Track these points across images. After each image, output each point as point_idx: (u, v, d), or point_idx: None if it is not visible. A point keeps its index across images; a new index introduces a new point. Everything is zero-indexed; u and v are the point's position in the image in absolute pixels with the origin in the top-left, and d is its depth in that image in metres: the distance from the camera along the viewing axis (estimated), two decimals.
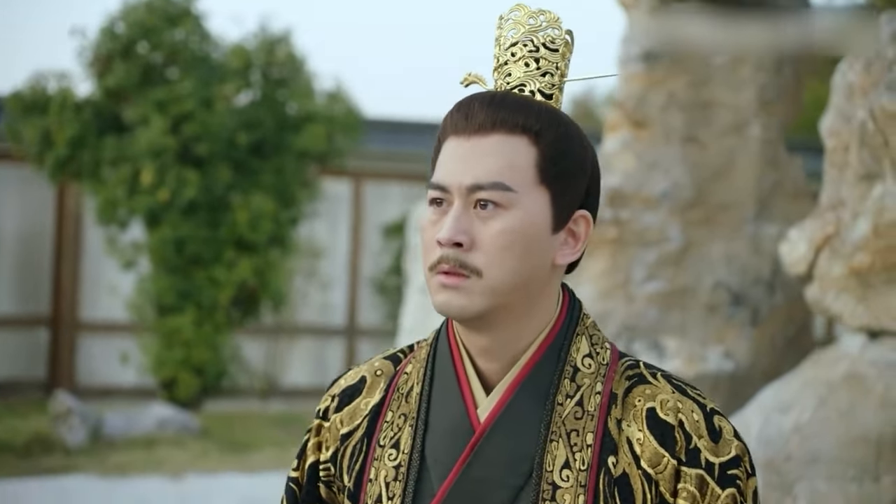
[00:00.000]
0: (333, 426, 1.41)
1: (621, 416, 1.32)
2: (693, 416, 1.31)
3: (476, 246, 1.29)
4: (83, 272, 10.67)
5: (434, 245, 1.30)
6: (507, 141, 1.30)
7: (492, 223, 1.29)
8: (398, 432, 1.36)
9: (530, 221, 1.30)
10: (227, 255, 8.73)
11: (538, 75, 1.35)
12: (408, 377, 1.40)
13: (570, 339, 1.35)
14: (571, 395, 1.32)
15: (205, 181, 8.58)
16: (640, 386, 1.33)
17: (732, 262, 3.95)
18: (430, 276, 1.32)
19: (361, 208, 11.43)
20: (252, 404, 10.05)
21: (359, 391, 1.42)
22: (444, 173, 1.32)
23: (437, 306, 1.31)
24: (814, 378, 3.08)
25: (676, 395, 1.32)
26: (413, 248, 4.93)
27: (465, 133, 1.32)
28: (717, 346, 3.88)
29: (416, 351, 1.43)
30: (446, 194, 1.31)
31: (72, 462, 7.21)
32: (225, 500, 6.34)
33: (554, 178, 1.31)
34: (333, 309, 11.31)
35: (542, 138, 1.31)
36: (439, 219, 1.31)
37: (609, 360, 1.36)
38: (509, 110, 1.31)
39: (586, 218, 1.35)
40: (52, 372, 10.57)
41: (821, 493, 2.93)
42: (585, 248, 1.37)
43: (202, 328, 8.74)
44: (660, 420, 1.31)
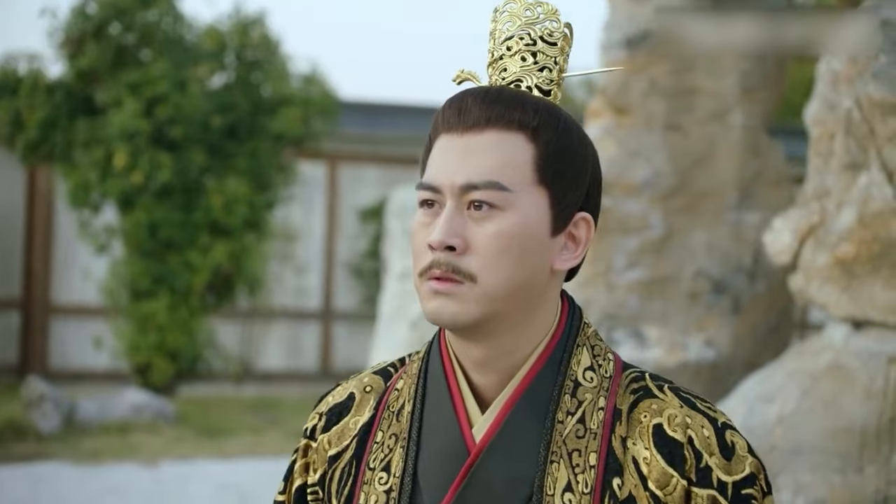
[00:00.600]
0: (321, 447, 1.33)
1: (626, 434, 1.24)
2: (703, 432, 1.23)
3: (470, 249, 1.21)
4: (55, 255, 10.56)
5: (425, 249, 1.22)
6: (503, 138, 1.23)
7: (487, 225, 1.21)
8: (389, 454, 1.28)
9: (528, 223, 1.22)
10: (201, 239, 8.66)
11: (535, 70, 1.28)
12: (399, 394, 1.32)
13: (571, 351, 1.27)
14: (572, 411, 1.24)
15: (179, 164, 8.49)
16: (645, 400, 1.25)
17: (714, 250, 3.93)
18: (420, 282, 1.23)
19: (337, 191, 11.36)
20: (227, 389, 10.00)
21: (347, 409, 1.34)
22: (436, 172, 1.24)
23: (427, 314, 1.23)
24: (798, 368, 3.06)
25: (685, 410, 1.24)
26: (392, 234, 4.89)
27: (457, 130, 1.24)
28: (698, 335, 3.86)
29: (407, 365, 1.34)
30: (438, 195, 1.23)
31: (45, 448, 7.14)
32: (200, 487, 6.29)
33: (553, 177, 1.23)
34: (309, 292, 11.25)
35: (540, 135, 1.23)
36: (430, 221, 1.23)
37: (612, 373, 1.27)
38: (505, 105, 1.23)
39: (587, 221, 1.27)
40: (23, 355, 10.47)
41: (804, 484, 2.91)
42: (586, 253, 1.28)
43: (176, 313, 8.66)
44: (668, 437, 1.22)
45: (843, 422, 2.92)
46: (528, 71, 1.28)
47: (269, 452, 7.29)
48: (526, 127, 1.23)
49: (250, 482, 6.39)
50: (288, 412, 9.06)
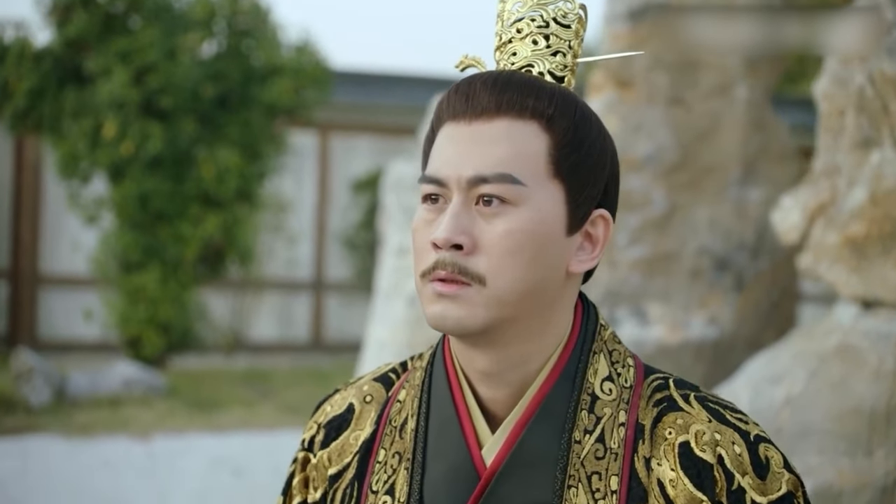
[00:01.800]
0: (321, 464, 1.24)
1: (650, 454, 1.13)
2: (734, 450, 1.12)
3: (478, 248, 1.10)
4: (44, 226, 10.46)
5: (428, 248, 1.11)
6: (515, 126, 1.11)
7: (497, 222, 1.10)
8: (392, 475, 1.18)
9: (542, 221, 1.11)
10: (192, 210, 8.56)
11: (548, 55, 1.17)
12: (401, 406, 1.21)
13: (587, 361, 1.16)
14: (590, 429, 1.13)
15: (169, 135, 8.38)
16: (670, 414, 1.14)
17: (716, 227, 3.86)
18: (422, 283, 1.12)
19: (329, 162, 11.27)
20: (218, 360, 9.94)
21: (347, 422, 1.24)
22: (441, 164, 1.12)
23: (430, 319, 1.11)
24: (805, 349, 3.01)
25: (714, 425, 1.13)
26: (387, 209, 4.81)
27: (464, 118, 1.12)
28: (700, 312, 3.81)
29: (409, 372, 1.24)
30: (443, 189, 1.12)
31: (35, 422, 7.08)
32: (193, 461, 6.24)
33: (569, 170, 1.12)
34: (300, 264, 11.18)
35: (556, 124, 1.12)
36: (434, 218, 1.12)
37: (633, 382, 1.17)
38: (518, 91, 1.12)
39: (605, 219, 1.16)
40: (12, 326, 10.40)
41: (812, 467, 2.87)
42: (603, 254, 1.19)
43: (167, 285, 8.58)
44: (695, 457, 1.11)
45: (851, 404, 2.87)
46: (540, 55, 1.17)
47: (262, 426, 7.25)
48: (540, 115, 1.12)
49: (243, 456, 6.35)
50: (280, 384, 9.01)
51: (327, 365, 10.17)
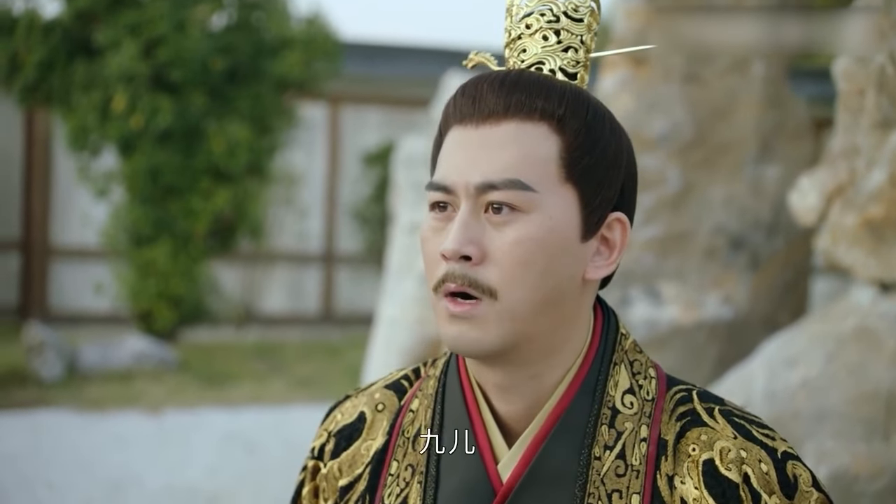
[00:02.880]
0: (331, 474, 1.20)
1: (673, 471, 1.08)
2: (761, 468, 1.07)
3: (488, 259, 1.05)
4: (54, 199, 10.46)
5: (438, 259, 1.07)
6: (524, 129, 1.06)
7: (507, 231, 1.05)
8: (405, 488, 1.13)
9: (554, 228, 1.06)
10: (202, 184, 8.54)
11: (559, 51, 1.12)
12: (414, 416, 1.17)
13: (607, 373, 1.11)
14: (611, 445, 1.08)
15: (179, 108, 8.34)
16: (694, 429, 1.09)
17: (732, 205, 3.82)
18: (435, 299, 1.08)
19: (339, 134, 11.22)
20: (229, 333, 9.95)
21: (358, 432, 1.20)
22: (448, 170, 1.07)
23: (446, 341, 1.07)
24: (822, 332, 2.98)
25: (739, 442, 1.08)
26: (398, 186, 4.78)
27: (472, 121, 1.07)
28: (715, 292, 3.77)
29: (422, 380, 1.20)
30: (450, 196, 1.07)
31: (46, 396, 7.09)
32: (204, 436, 6.25)
33: (582, 174, 1.07)
34: (310, 236, 11.16)
35: (567, 125, 1.07)
36: (443, 226, 1.08)
37: (655, 394, 1.12)
38: (526, 92, 1.07)
39: (622, 222, 1.11)
40: (23, 297, 10.41)
41: (828, 451, 2.84)
42: (621, 259, 1.13)
43: (178, 259, 8.57)
44: (720, 476, 1.07)
45: (868, 387, 2.84)
46: (550, 52, 1.12)
47: (273, 401, 7.25)
48: (550, 116, 1.07)
49: (254, 431, 6.35)
50: (290, 358, 9.01)
51: (338, 338, 10.17)
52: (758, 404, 2.96)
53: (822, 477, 2.84)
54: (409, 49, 11.95)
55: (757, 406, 2.96)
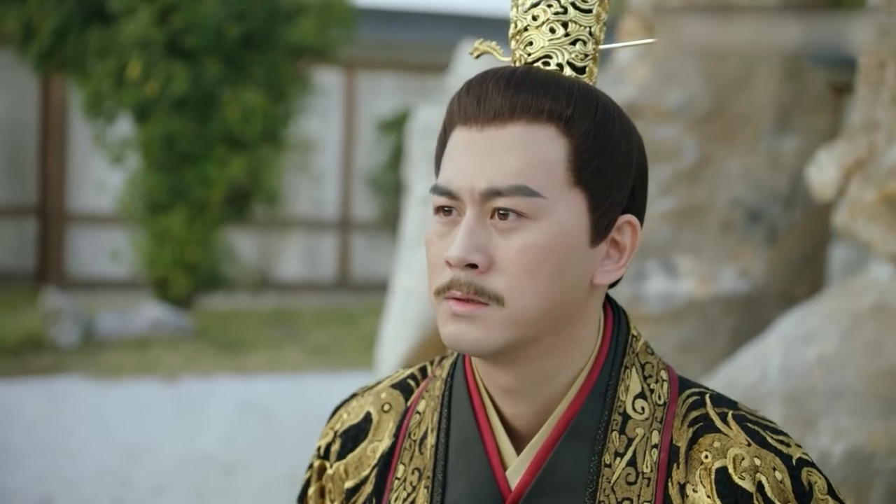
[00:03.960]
0: (337, 476, 1.18)
1: (685, 479, 1.06)
2: (775, 476, 1.04)
3: (495, 266, 1.02)
4: (70, 165, 10.47)
5: (442, 263, 1.03)
6: (531, 132, 1.03)
7: (514, 238, 1.02)
8: (412, 493, 1.11)
9: (563, 234, 1.02)
10: (218, 151, 8.53)
11: (567, 44, 1.07)
12: (420, 418, 1.14)
13: (618, 377, 1.08)
14: (621, 452, 1.06)
15: (194, 75, 8.32)
16: (707, 436, 1.06)
17: (749, 178, 3.78)
18: (436, 301, 1.05)
19: (354, 100, 11.17)
20: (245, 300, 9.97)
21: (364, 433, 1.18)
22: (452, 175, 1.04)
23: (446, 339, 1.04)
24: (838, 308, 2.95)
25: (753, 449, 1.05)
26: (413, 156, 4.75)
27: (476, 122, 1.04)
28: (731, 265, 3.75)
29: (429, 380, 1.17)
30: (456, 201, 1.03)
31: (63, 362, 7.13)
32: (220, 404, 6.28)
33: (592, 177, 1.04)
34: (326, 203, 11.16)
35: (575, 127, 1.03)
36: (448, 231, 1.04)
37: (667, 398, 1.09)
38: (532, 92, 1.03)
39: (632, 224, 1.07)
40: (41, 262, 10.45)
41: (844, 429, 2.82)
42: (631, 261, 1.09)
43: (194, 227, 8.58)
44: (734, 485, 1.04)
45: (885, 365, 2.82)
46: (558, 45, 1.07)
47: (289, 369, 7.27)
48: (558, 117, 1.03)
49: (270, 399, 6.37)
50: (306, 325, 9.03)
51: (353, 305, 10.18)
52: (773, 381, 2.94)
53: (837, 454, 2.83)
54: (426, 14, 11.87)
55: (772, 382, 2.94)
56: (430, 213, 1.08)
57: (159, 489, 4.78)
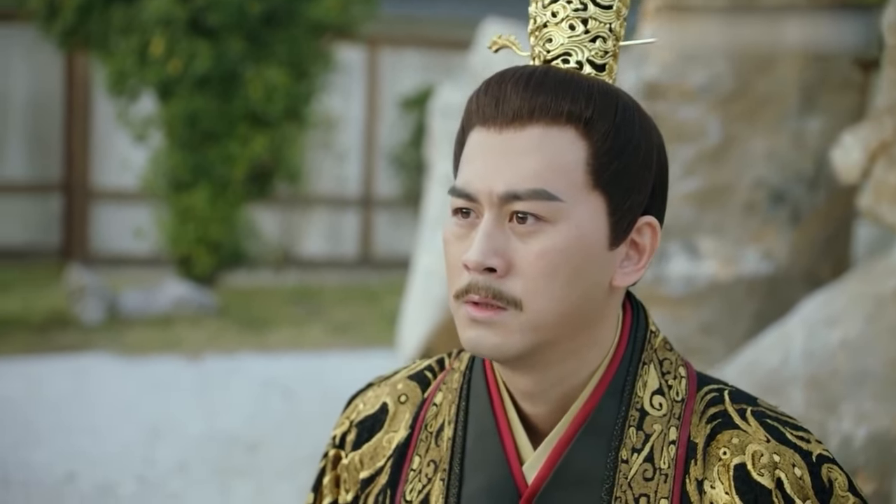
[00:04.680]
0: (352, 466, 1.18)
1: (703, 475, 1.05)
2: (795, 473, 1.04)
3: (513, 270, 1.02)
4: (94, 141, 10.51)
5: (460, 266, 1.03)
6: (549, 134, 1.02)
7: (532, 242, 1.02)
8: (427, 485, 1.11)
9: (581, 237, 1.02)
10: (240, 129, 8.53)
11: (587, 41, 1.06)
12: (437, 410, 1.14)
13: (636, 373, 1.08)
14: (639, 448, 1.06)
15: (216, 53, 8.31)
16: (725, 432, 1.06)
17: (773, 158, 3.75)
18: (455, 305, 1.05)
19: (377, 77, 11.15)
20: (268, 277, 9.99)
21: (380, 423, 1.18)
22: (470, 177, 1.03)
23: (465, 344, 1.04)
24: (862, 292, 2.93)
25: (772, 445, 1.05)
26: (435, 136, 4.73)
27: (495, 124, 1.03)
28: (754, 247, 3.72)
29: (446, 372, 1.17)
30: (474, 204, 1.03)
31: (88, 340, 7.18)
32: (243, 382, 6.30)
33: (611, 179, 1.03)
34: (349, 180, 11.15)
35: (595, 128, 1.02)
36: (466, 233, 1.04)
37: (685, 395, 1.08)
38: (551, 93, 1.02)
39: (652, 226, 1.07)
40: (66, 239, 10.51)
41: (867, 413, 2.80)
42: (650, 263, 1.09)
43: (216, 205, 8.60)
44: (752, 482, 1.04)
45: None
46: (577, 42, 1.06)
47: (311, 346, 7.29)
48: (577, 119, 1.02)
49: (292, 377, 6.39)
50: (328, 302, 9.04)
51: (376, 282, 10.19)
52: (796, 364, 2.93)
53: (860, 438, 2.81)
54: None
55: (795, 366, 2.92)
56: (448, 214, 1.07)
57: (182, 467, 4.82)
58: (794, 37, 3.64)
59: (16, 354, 6.71)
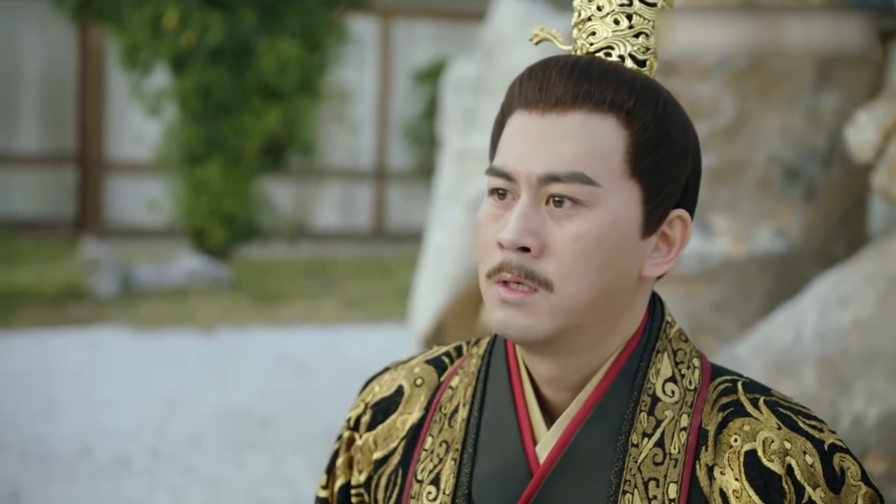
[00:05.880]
0: (366, 447, 1.20)
1: (713, 461, 1.06)
2: (806, 460, 1.05)
3: (547, 252, 1.03)
4: (108, 114, 10.52)
5: (493, 246, 1.05)
6: (591, 121, 1.04)
7: (568, 225, 1.03)
8: (438, 464, 1.13)
9: (616, 224, 1.04)
10: (253, 103, 8.52)
11: (630, 36, 1.08)
12: (453, 393, 1.16)
13: (649, 360, 1.09)
14: (649, 433, 1.07)
15: (229, 25, 8.29)
16: (737, 419, 1.07)
17: (788, 135, 3.73)
18: (486, 284, 1.06)
19: (390, 50, 11.11)
20: (281, 249, 10.00)
21: (395, 405, 1.19)
22: (510, 157, 1.05)
23: (494, 325, 1.06)
24: (875, 271, 2.92)
25: (783, 432, 1.06)
26: (448, 111, 4.71)
27: (537, 108, 1.05)
28: (768, 224, 3.70)
29: (464, 358, 1.18)
30: (511, 184, 1.05)
31: (102, 312, 7.21)
32: (257, 356, 6.33)
33: (648, 169, 1.05)
34: (362, 153, 11.14)
35: (636, 119, 1.05)
36: (501, 214, 1.06)
37: (698, 384, 1.10)
38: (596, 81, 1.04)
39: (683, 219, 1.09)
40: (80, 211, 10.54)
41: (879, 392, 2.80)
42: (679, 256, 1.11)
43: (230, 178, 8.61)
44: (762, 468, 1.04)
45: None
46: (621, 37, 1.08)
47: (324, 320, 7.31)
48: (619, 108, 1.05)
49: (306, 351, 6.41)
50: (342, 276, 9.06)
51: (389, 255, 10.20)
52: (808, 343, 2.92)
53: (872, 417, 2.81)
54: None
55: (807, 345, 2.92)
56: (485, 195, 1.09)
57: (195, 441, 4.84)
58: (797, 36, 3.62)
59: (30, 327, 6.75)
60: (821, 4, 3.58)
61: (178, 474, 4.46)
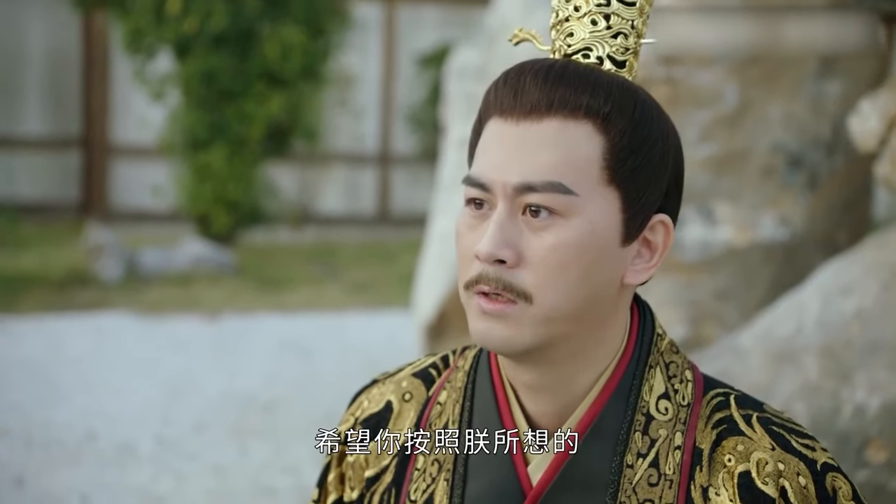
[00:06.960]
0: (357, 464, 1.18)
1: (708, 482, 1.05)
2: (799, 481, 1.04)
3: (524, 263, 1.01)
4: (113, 98, 10.52)
5: (471, 257, 1.03)
6: (567, 127, 1.02)
7: (545, 235, 1.01)
8: (431, 485, 1.11)
9: (594, 233, 1.02)
10: (257, 88, 8.51)
11: (608, 37, 1.06)
12: (441, 409, 1.14)
13: (642, 376, 1.08)
14: (644, 453, 1.06)
15: (233, 11, 8.28)
16: (731, 438, 1.06)
17: (791, 123, 3.72)
18: (466, 295, 1.04)
19: (394, 34, 11.09)
20: (286, 234, 10.01)
21: (384, 420, 1.17)
22: (485, 167, 1.03)
23: (474, 336, 1.04)
24: (878, 261, 2.92)
25: (777, 453, 1.05)
26: (450, 98, 4.71)
27: (512, 115, 1.03)
28: (771, 212, 3.70)
29: (451, 370, 1.16)
30: (488, 194, 1.03)
31: (107, 298, 7.23)
32: (261, 341, 6.34)
33: (626, 176, 1.03)
34: (366, 137, 11.14)
35: (613, 124, 1.02)
36: (478, 224, 1.04)
37: (691, 399, 1.08)
38: (571, 87, 1.02)
39: (666, 224, 1.07)
40: (84, 195, 10.55)
41: (881, 383, 2.80)
42: (662, 262, 1.08)
43: (234, 163, 8.61)
44: (756, 490, 1.04)
45: None
46: (599, 37, 1.06)
47: (329, 306, 7.32)
48: (595, 114, 1.02)
49: (310, 337, 6.43)
50: (346, 261, 9.07)
51: (393, 240, 10.20)
52: (810, 333, 2.92)
53: (873, 408, 2.81)
54: None
55: (809, 335, 2.92)
56: (462, 204, 1.07)
57: (200, 427, 4.86)
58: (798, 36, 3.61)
59: (34, 312, 6.76)
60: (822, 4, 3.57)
61: (183, 460, 4.48)
